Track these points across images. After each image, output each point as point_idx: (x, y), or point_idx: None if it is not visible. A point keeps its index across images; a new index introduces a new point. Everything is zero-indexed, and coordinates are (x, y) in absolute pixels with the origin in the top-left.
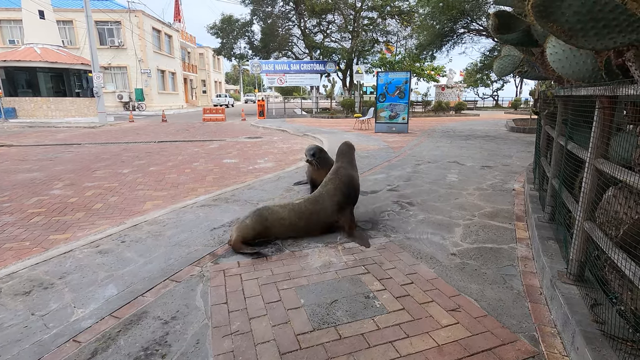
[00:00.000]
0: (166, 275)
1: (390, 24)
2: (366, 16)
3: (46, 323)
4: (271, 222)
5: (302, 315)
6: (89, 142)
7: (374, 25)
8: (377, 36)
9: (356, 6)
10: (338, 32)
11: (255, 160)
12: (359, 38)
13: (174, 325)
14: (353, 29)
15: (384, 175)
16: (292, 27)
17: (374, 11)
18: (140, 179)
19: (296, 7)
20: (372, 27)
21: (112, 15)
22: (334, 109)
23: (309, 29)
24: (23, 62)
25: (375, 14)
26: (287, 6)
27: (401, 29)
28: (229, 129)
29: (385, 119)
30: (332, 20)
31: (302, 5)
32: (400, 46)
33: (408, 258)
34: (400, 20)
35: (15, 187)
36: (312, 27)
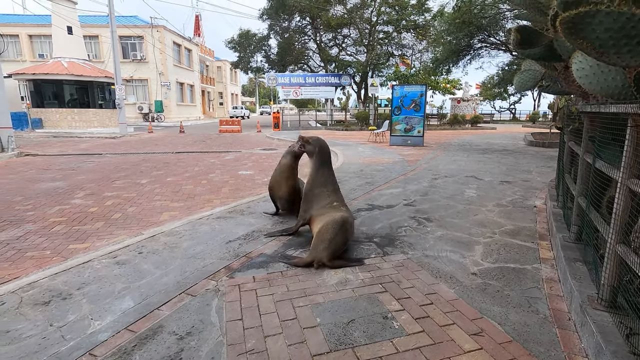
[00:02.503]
0: (182, 289)
1: (405, 38)
2: (381, 30)
3: (64, 335)
4: (351, 233)
5: (319, 335)
6: (110, 152)
7: (389, 39)
8: (392, 50)
9: (372, 20)
10: (353, 46)
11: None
12: (374, 51)
13: (189, 341)
14: (368, 43)
15: (400, 189)
16: (308, 41)
17: (390, 25)
18: (157, 190)
19: (312, 22)
20: (388, 41)
21: (135, 31)
22: (348, 121)
23: (324, 42)
24: (51, 75)
25: (390, 27)
26: (303, 21)
27: (416, 43)
28: (244, 141)
29: (401, 132)
30: (348, 34)
31: (318, 20)
32: (416, 59)
33: (427, 277)
34: (416, 34)
35: (39, 195)
36: (327, 41)
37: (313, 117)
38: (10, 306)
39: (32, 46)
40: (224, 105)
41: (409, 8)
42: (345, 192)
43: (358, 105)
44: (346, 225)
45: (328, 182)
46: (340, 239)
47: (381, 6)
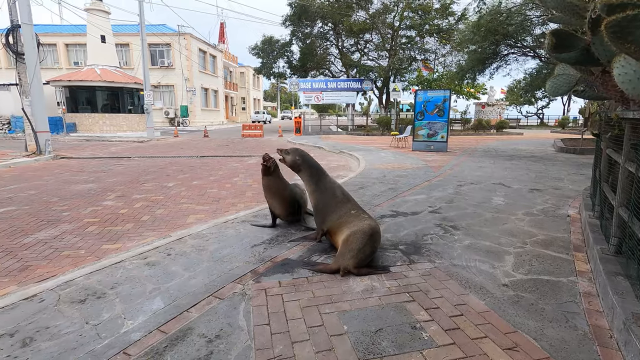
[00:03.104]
0: (210, 292)
1: (428, 42)
2: (404, 35)
3: (99, 333)
4: (378, 243)
5: (346, 343)
6: (138, 156)
7: (412, 43)
8: (414, 54)
9: (394, 25)
10: (375, 51)
11: (293, 177)
12: (396, 56)
13: (217, 344)
14: (390, 47)
15: (424, 196)
16: (329, 47)
17: (412, 29)
18: (184, 193)
19: (334, 28)
20: (410, 46)
21: (163, 39)
22: (369, 126)
23: (346, 48)
24: (85, 82)
25: (413, 32)
26: (325, 27)
27: (440, 47)
28: (266, 145)
29: (424, 137)
30: (370, 40)
31: (341, 25)
32: (439, 64)
33: (456, 287)
34: (439, 38)
35: (74, 197)
36: (349, 46)
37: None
38: (50, 303)
39: (68, 54)
40: (246, 110)
41: (432, 12)
42: (368, 198)
43: (379, 110)
44: (375, 236)
45: (335, 189)
46: (369, 249)
47: (404, 11)
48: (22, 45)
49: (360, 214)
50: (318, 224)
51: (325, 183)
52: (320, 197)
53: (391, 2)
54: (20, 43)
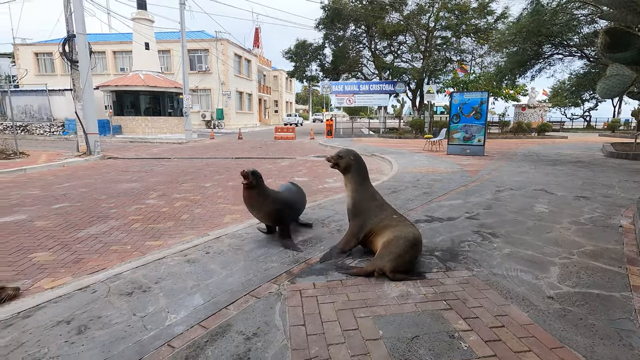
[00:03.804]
0: (246, 290)
1: (465, 43)
2: (439, 35)
3: (145, 324)
4: (419, 252)
5: (382, 349)
6: (177, 157)
7: (447, 44)
8: (450, 55)
9: (429, 26)
10: (409, 53)
11: (325, 179)
12: (430, 58)
13: (255, 342)
14: (425, 49)
15: (460, 201)
16: (362, 49)
17: (448, 30)
18: (220, 193)
19: (367, 30)
20: (446, 46)
21: (202, 44)
22: (402, 129)
23: (379, 50)
24: (130, 87)
25: (449, 33)
26: (358, 29)
27: (477, 47)
28: (298, 148)
29: (459, 141)
30: (404, 41)
31: (373, 27)
32: (476, 64)
33: (496, 297)
34: (477, 39)
35: (120, 195)
36: (382, 48)
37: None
38: (101, 294)
39: (115, 61)
40: (279, 112)
41: (469, 12)
42: (402, 202)
43: (412, 113)
44: (418, 246)
45: (375, 194)
46: (408, 257)
47: (440, 11)
48: (76, 53)
49: (404, 220)
50: (354, 231)
51: (368, 185)
52: (362, 198)
53: (426, 2)
54: (75, 51)
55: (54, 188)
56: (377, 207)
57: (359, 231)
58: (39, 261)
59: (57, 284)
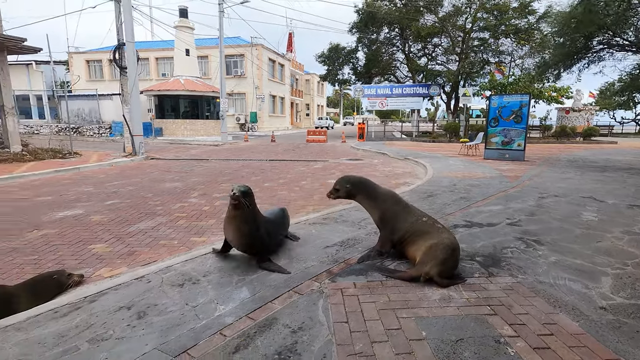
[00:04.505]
0: (289, 287)
1: (503, 44)
2: (476, 37)
3: (197, 314)
4: (458, 260)
5: (426, 349)
6: (214, 158)
7: (485, 45)
8: (487, 57)
9: (466, 27)
10: (444, 55)
11: None
12: (467, 60)
13: (301, 335)
14: (461, 51)
15: (500, 207)
16: (395, 52)
17: (486, 31)
18: (257, 194)
19: (401, 33)
20: (483, 48)
21: (238, 50)
22: (435, 132)
23: (413, 52)
24: (171, 91)
25: (487, 34)
26: (392, 32)
27: (517, 49)
28: (330, 151)
29: (497, 145)
30: (439, 43)
31: (408, 30)
32: (515, 66)
33: (543, 305)
34: (517, 39)
35: (164, 193)
36: (416, 51)
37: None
38: (155, 284)
39: (158, 67)
40: (310, 116)
41: (509, 12)
42: (438, 207)
43: (447, 116)
44: (457, 251)
45: (394, 195)
46: (451, 264)
47: (477, 12)
48: (125, 60)
49: (435, 223)
50: (387, 235)
51: (382, 193)
52: (385, 208)
53: (463, 4)
54: (124, 58)
55: (105, 186)
56: (404, 210)
57: (392, 234)
58: (97, 252)
59: (115, 273)
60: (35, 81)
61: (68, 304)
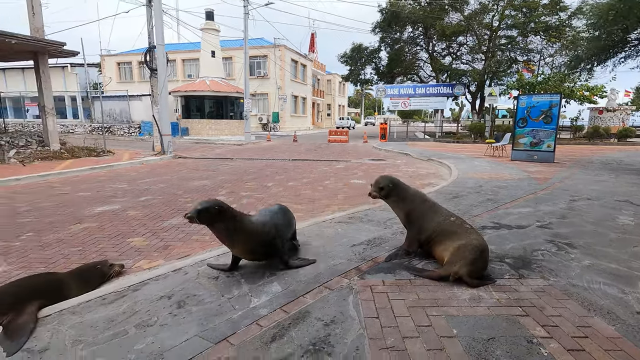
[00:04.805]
0: (319, 282)
1: (532, 42)
2: (504, 35)
3: (233, 305)
4: (488, 261)
5: (457, 346)
6: (239, 157)
7: (512, 43)
8: (515, 55)
9: (492, 25)
10: (469, 54)
11: None
12: (493, 58)
13: (333, 328)
14: (487, 50)
15: (530, 209)
16: (419, 52)
17: (514, 29)
18: (282, 193)
19: (425, 32)
20: (511, 46)
21: (261, 51)
22: (460, 133)
23: (437, 52)
24: (197, 92)
25: (515, 31)
26: (415, 31)
27: (546, 47)
28: (352, 151)
29: (525, 146)
30: (464, 42)
31: (432, 29)
32: (545, 65)
33: (576, 308)
34: (547, 37)
35: (193, 191)
36: (440, 50)
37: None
38: (192, 276)
39: (184, 68)
40: (331, 116)
41: (539, 8)
42: (465, 208)
43: (471, 116)
44: (486, 252)
45: (422, 194)
46: (480, 264)
47: (505, 9)
48: (155, 62)
49: (463, 224)
50: (414, 235)
51: (411, 193)
52: (412, 208)
53: (490, 1)
54: (154, 60)
55: (138, 183)
56: (431, 210)
57: (419, 233)
58: (136, 245)
59: (153, 265)
60: (70, 83)
61: (114, 292)
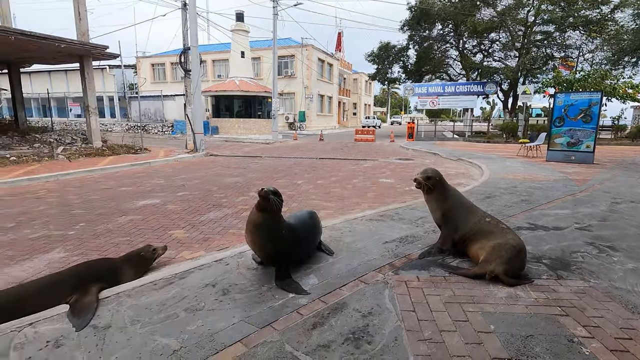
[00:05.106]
0: (354, 276)
1: (571, 37)
2: (539, 30)
3: (273, 294)
4: (525, 262)
5: (495, 341)
6: (267, 156)
7: (549, 39)
8: (552, 51)
9: (527, 21)
10: (502, 51)
11: (410, 182)
12: (528, 55)
13: (371, 319)
14: (522, 46)
15: (567, 211)
16: (448, 49)
17: (551, 24)
18: (311, 190)
19: (455, 29)
20: (547, 42)
21: (289, 51)
22: (491, 133)
23: (467, 49)
24: (227, 92)
25: (552, 27)
26: (445, 29)
27: (586, 42)
28: (379, 150)
29: (562, 146)
30: (496, 39)
31: (462, 26)
32: (584, 61)
33: (619, 310)
34: (587, 32)
35: (226, 187)
36: (471, 47)
37: (448, 127)
38: (233, 267)
39: (214, 68)
40: (357, 115)
41: (579, 2)
42: (498, 208)
43: (503, 115)
44: (523, 252)
45: (461, 198)
46: (517, 264)
47: (541, 4)
48: (190, 63)
49: (499, 224)
50: (450, 233)
51: (453, 193)
52: (450, 207)
53: None
54: (188, 61)
55: (174, 179)
56: (468, 210)
57: (454, 232)
58: (177, 237)
59: (195, 256)
60: (108, 84)
61: (162, 278)
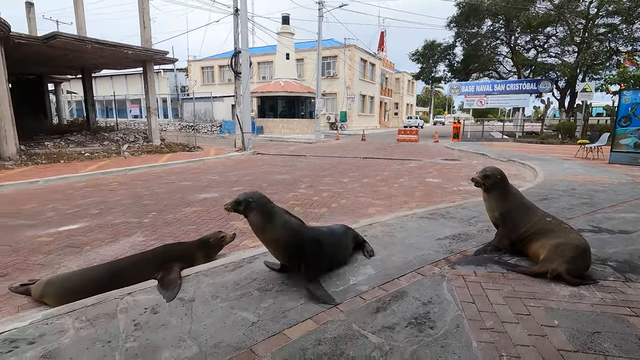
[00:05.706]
0: (411, 268)
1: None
2: (603, 23)
3: (334, 281)
4: (589, 263)
5: (560, 335)
6: (311, 155)
7: (614, 32)
8: (617, 45)
9: (589, 13)
10: (559, 46)
11: (459, 182)
12: (589, 50)
13: (432, 307)
14: (581, 40)
15: (636, 215)
16: (498, 46)
17: (617, 16)
18: (358, 188)
19: (506, 25)
20: (612, 36)
21: (332, 51)
22: (544, 133)
23: (520, 45)
24: (272, 93)
25: (617, 18)
26: (496, 24)
27: None
28: (424, 150)
29: (628, 148)
30: (552, 33)
31: (515, 21)
32: None
33: None
34: None
35: (275, 184)
36: (524, 43)
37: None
38: None
39: (259, 70)
40: (399, 115)
41: None
42: (556, 210)
43: (559, 115)
44: (587, 253)
45: (524, 198)
46: (581, 264)
47: None
48: (240, 65)
49: (561, 224)
50: (506, 232)
51: (513, 193)
52: (510, 207)
53: None
54: (239, 64)
55: (227, 175)
56: (528, 210)
57: (511, 231)
58: (238, 227)
59: (255, 245)
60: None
61: (232, 262)
